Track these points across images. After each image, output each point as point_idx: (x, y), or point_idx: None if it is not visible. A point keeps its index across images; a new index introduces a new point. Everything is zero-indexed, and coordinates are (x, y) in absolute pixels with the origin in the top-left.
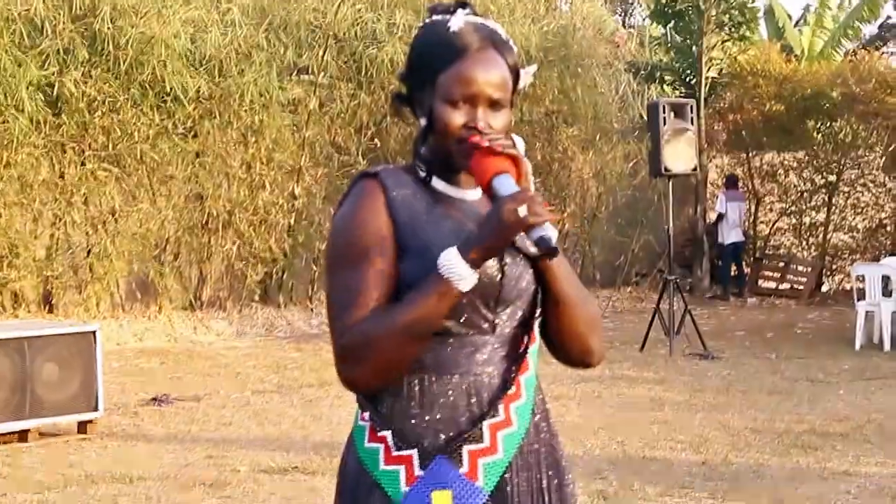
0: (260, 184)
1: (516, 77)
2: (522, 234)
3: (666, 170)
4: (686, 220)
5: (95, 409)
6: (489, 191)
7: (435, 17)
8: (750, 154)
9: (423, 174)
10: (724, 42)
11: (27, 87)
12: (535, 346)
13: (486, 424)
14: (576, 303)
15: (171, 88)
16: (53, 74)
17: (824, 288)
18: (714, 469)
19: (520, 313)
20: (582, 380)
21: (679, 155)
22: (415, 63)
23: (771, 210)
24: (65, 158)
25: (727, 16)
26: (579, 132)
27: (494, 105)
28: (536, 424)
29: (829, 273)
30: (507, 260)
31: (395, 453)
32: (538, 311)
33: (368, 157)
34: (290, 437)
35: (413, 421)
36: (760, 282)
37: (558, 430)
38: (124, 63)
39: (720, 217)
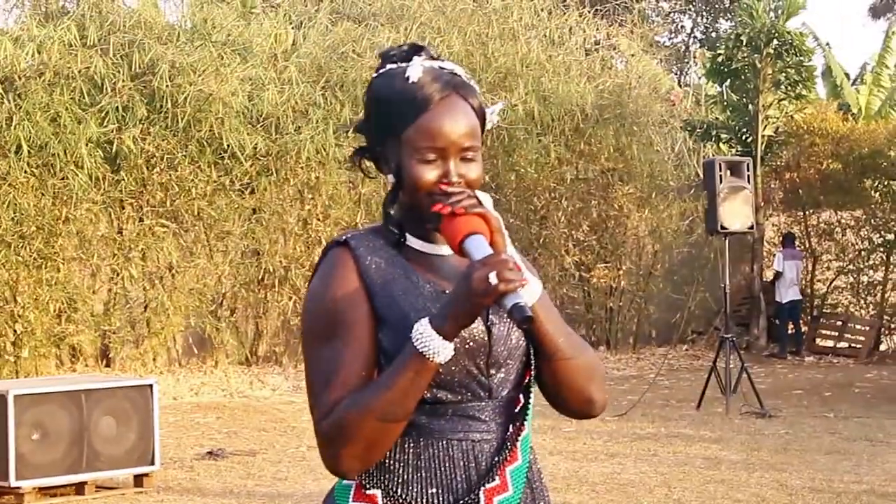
0: (316, 240)
1: (482, 118)
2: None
3: (722, 228)
4: (743, 278)
5: (152, 462)
6: (462, 254)
7: (390, 67)
8: (807, 212)
9: (396, 236)
10: (780, 101)
11: (87, 144)
12: (531, 403)
13: (482, 491)
14: (570, 355)
15: (228, 145)
16: (112, 131)
17: (883, 347)
18: None
19: (514, 373)
20: (638, 437)
21: (736, 213)
22: (376, 118)
23: (828, 268)
24: (123, 214)
25: (783, 74)
26: (635, 189)
27: (466, 154)
28: (534, 500)
29: (887, 332)
30: (493, 319)
31: None
32: (532, 369)
33: None
34: None
35: (406, 483)
36: (818, 340)
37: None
38: (182, 120)
39: (777, 275)
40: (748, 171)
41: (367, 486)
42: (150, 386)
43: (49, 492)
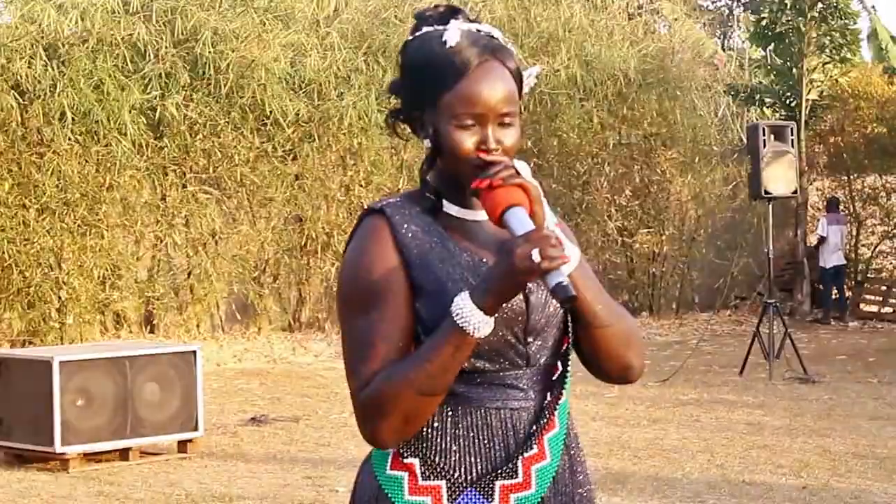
0: (359, 206)
1: (520, 82)
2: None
3: (766, 192)
4: (786, 243)
5: (195, 428)
6: (502, 226)
7: (426, 29)
8: (851, 177)
9: (432, 202)
10: (824, 64)
11: (130, 111)
12: (570, 370)
13: (520, 459)
14: (609, 322)
15: (270, 112)
16: (155, 98)
17: None
18: (815, 494)
19: (552, 340)
20: (680, 403)
21: (779, 177)
22: (413, 83)
23: (873, 233)
24: (166, 181)
25: (828, 38)
26: (678, 154)
27: (504, 119)
28: (572, 467)
29: None
30: (531, 287)
31: (421, 483)
32: (570, 335)
33: None
34: None
35: (444, 451)
36: (862, 305)
37: (592, 475)
38: (225, 87)
39: (821, 240)
40: (792, 135)
41: (405, 454)
42: (194, 352)
43: (94, 457)
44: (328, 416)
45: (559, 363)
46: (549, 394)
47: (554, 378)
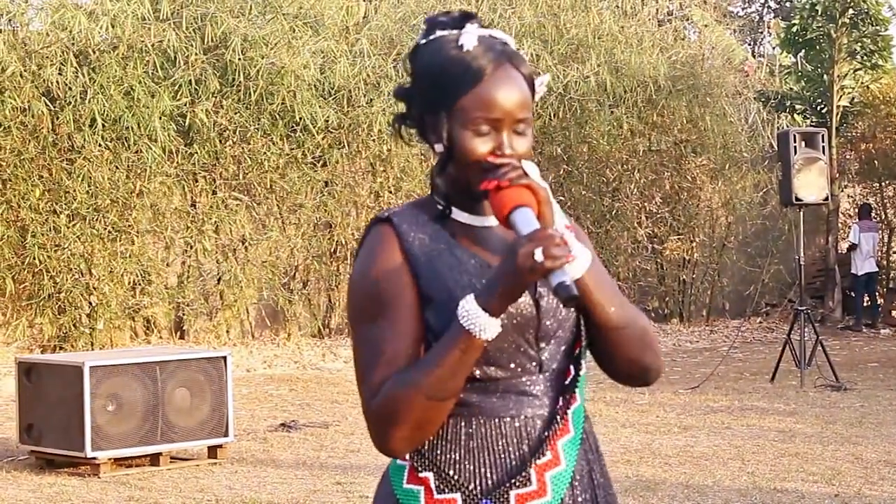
0: None
1: (533, 89)
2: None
3: (797, 199)
4: (817, 250)
5: (226, 434)
6: (508, 227)
7: (440, 34)
8: (883, 183)
9: (441, 209)
10: (856, 71)
11: (160, 118)
12: (583, 374)
13: (533, 466)
14: (623, 324)
15: (300, 118)
16: (185, 105)
17: None
18: (847, 502)
19: (564, 345)
20: (711, 410)
21: (810, 184)
22: (427, 87)
23: None
24: (196, 187)
25: (859, 44)
26: (708, 161)
27: (518, 126)
28: (590, 471)
29: None
30: (542, 292)
31: (437, 496)
32: (584, 339)
33: None
34: None
35: (458, 464)
36: (894, 313)
37: (611, 478)
38: (255, 93)
39: (853, 247)
40: (823, 142)
41: (420, 468)
42: (224, 358)
43: (124, 462)
44: (358, 422)
45: (572, 367)
46: (562, 398)
47: (566, 382)
